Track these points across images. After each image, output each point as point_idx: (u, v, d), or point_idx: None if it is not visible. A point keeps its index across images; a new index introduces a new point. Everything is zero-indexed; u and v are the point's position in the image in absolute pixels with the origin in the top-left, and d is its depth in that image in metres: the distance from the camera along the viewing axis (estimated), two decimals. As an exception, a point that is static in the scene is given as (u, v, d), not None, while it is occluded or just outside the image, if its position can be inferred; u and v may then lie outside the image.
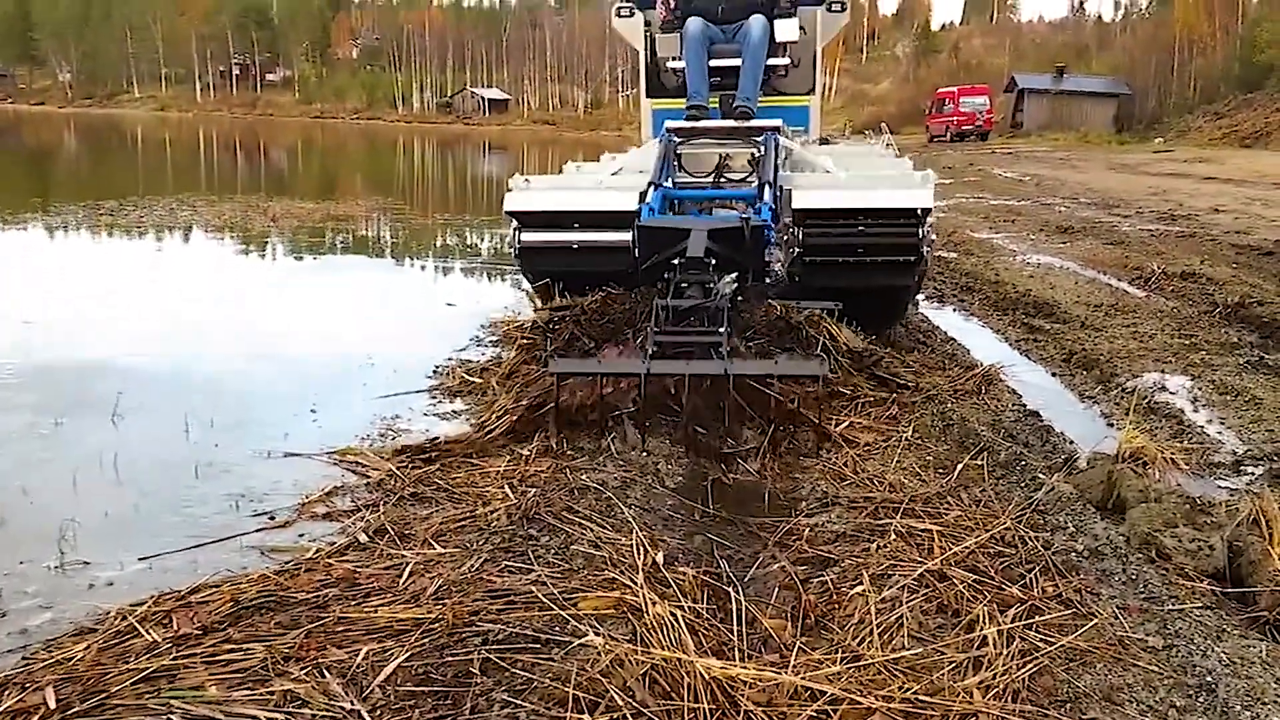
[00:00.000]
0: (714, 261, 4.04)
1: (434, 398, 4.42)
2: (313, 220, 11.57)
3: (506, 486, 3.23)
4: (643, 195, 4.54)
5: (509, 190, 4.83)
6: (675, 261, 4.04)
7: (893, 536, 2.84)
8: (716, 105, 5.44)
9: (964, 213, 12.65)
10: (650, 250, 4.23)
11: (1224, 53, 51.20)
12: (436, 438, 3.74)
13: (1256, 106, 40.54)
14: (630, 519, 2.93)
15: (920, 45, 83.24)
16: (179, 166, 25.39)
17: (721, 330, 3.80)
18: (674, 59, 5.45)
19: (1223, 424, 3.94)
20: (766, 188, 4.58)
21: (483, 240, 11.01)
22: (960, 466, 3.34)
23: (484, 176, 25.50)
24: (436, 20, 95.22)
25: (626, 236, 4.42)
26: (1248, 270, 7.33)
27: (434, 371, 4.79)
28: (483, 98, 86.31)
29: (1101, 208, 12.97)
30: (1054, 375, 4.89)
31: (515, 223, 4.73)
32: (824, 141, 6.75)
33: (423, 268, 9.04)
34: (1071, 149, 36.87)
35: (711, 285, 3.97)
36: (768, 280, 4.37)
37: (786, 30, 5.41)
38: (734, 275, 4.10)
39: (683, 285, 4.00)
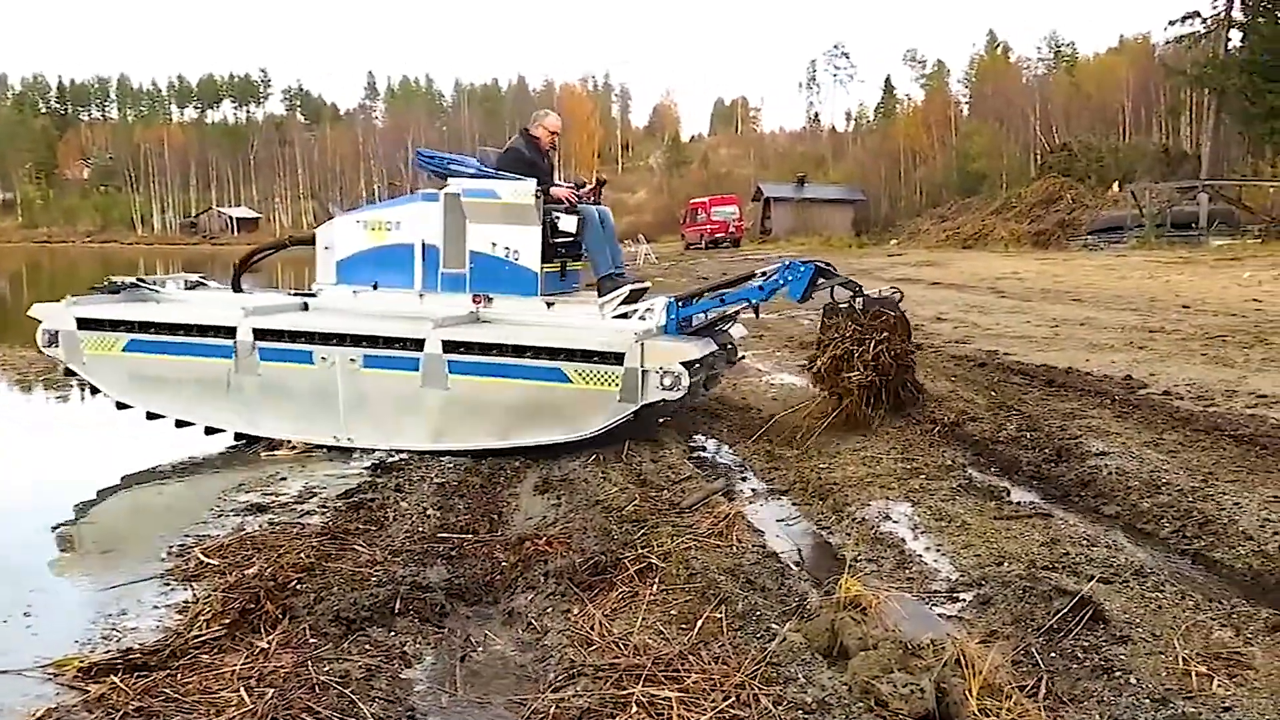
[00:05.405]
0: None
1: (167, 585, 4.15)
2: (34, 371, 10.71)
3: (243, 689, 3.08)
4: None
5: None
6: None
7: (634, 709, 2.90)
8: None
9: (716, 328, 13.23)
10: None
11: (943, 162, 57.08)
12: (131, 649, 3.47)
13: (974, 210, 45.18)
14: (369, 716, 2.86)
15: (672, 156, 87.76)
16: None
17: None
18: (570, 235, 7.00)
19: (939, 551, 4.30)
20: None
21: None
22: (701, 622, 3.47)
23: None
24: (177, 138, 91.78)
25: None
26: (964, 384, 8.04)
27: (168, 553, 4.50)
28: (230, 216, 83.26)
29: (839, 318, 13.93)
30: (794, 505, 5.18)
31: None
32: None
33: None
34: (816, 253, 39.46)
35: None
36: None
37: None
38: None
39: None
